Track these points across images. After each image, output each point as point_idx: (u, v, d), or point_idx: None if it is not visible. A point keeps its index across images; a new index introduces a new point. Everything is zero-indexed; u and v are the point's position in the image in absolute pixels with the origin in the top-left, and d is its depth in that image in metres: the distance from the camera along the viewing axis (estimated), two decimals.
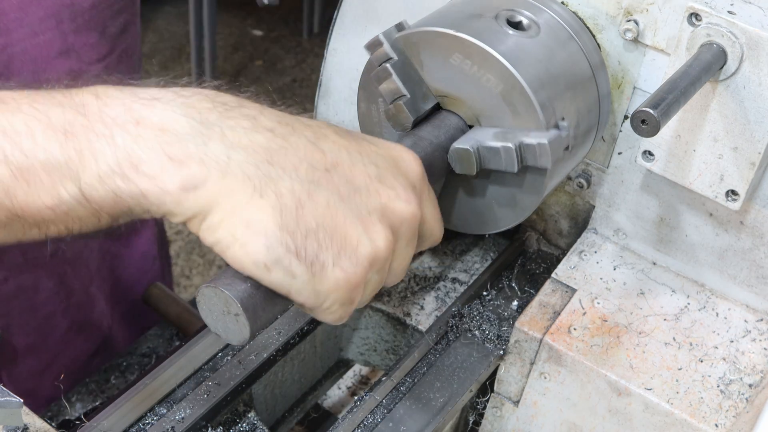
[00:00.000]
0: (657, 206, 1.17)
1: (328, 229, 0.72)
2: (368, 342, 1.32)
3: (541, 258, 1.31)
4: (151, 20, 4.82)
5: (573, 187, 1.22)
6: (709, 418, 1.02)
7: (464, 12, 1.04)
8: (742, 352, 1.10)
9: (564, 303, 1.14)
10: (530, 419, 1.17)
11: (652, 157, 1.08)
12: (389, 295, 1.28)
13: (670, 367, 1.07)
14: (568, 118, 1.01)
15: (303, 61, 4.76)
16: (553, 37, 1.04)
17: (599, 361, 1.07)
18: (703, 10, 0.96)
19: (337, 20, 1.30)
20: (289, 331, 1.14)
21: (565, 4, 1.08)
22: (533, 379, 1.13)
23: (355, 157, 0.79)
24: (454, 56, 0.98)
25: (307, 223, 0.71)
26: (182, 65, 4.55)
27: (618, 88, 1.11)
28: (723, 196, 1.05)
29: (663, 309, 1.15)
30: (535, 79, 0.97)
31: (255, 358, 1.10)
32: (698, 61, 0.94)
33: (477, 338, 1.15)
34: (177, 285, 3.42)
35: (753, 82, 0.96)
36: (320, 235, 0.72)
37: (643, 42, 1.06)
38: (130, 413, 1.02)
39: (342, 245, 0.73)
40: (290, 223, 0.71)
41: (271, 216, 0.70)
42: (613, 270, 1.19)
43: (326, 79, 1.36)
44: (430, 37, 0.99)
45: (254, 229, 0.70)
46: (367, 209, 0.76)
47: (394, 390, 1.08)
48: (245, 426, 1.10)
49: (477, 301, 1.20)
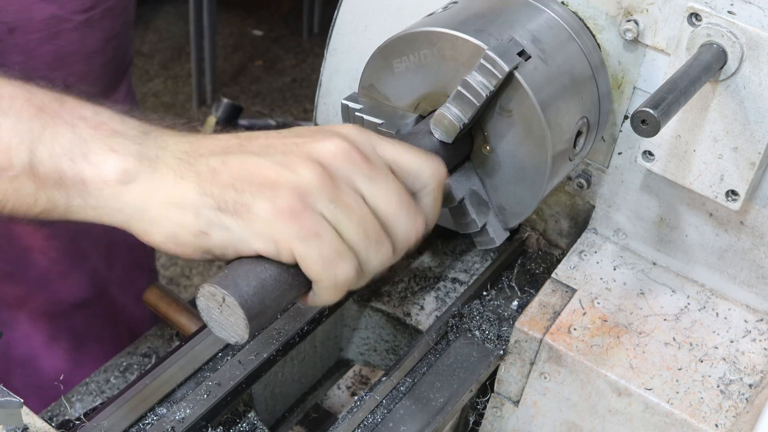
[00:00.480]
0: (657, 206, 1.17)
1: (244, 179, 0.77)
2: (368, 342, 1.32)
3: (541, 258, 1.31)
4: (151, 20, 4.82)
5: (573, 187, 1.22)
6: (709, 418, 1.02)
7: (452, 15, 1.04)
8: (742, 352, 1.10)
9: (564, 303, 1.14)
10: (530, 419, 1.17)
11: (652, 157, 1.08)
12: (389, 295, 1.28)
13: (670, 367, 1.07)
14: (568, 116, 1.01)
15: (303, 61, 4.76)
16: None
17: (599, 361, 1.07)
18: (703, 10, 0.96)
19: (337, 20, 1.30)
20: (289, 331, 1.14)
21: (565, 4, 1.08)
22: (533, 379, 1.13)
23: (273, 134, 0.84)
24: (402, 59, 1.03)
25: (223, 182, 0.77)
26: (182, 65, 4.55)
27: (618, 88, 1.11)
28: (723, 196, 1.05)
29: (663, 309, 1.15)
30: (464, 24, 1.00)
31: (255, 358, 1.10)
32: (698, 61, 0.94)
33: (477, 338, 1.15)
34: (177, 285, 3.42)
35: (753, 82, 0.96)
36: (237, 185, 0.77)
37: (643, 42, 1.06)
38: (130, 413, 1.02)
39: (261, 184, 0.77)
40: (208, 188, 0.77)
41: (193, 189, 0.77)
42: (613, 270, 1.19)
43: (326, 79, 1.36)
44: (377, 59, 1.05)
45: (182, 205, 0.77)
46: (284, 154, 0.79)
47: (394, 390, 1.08)
48: (245, 426, 1.10)
49: (477, 301, 1.20)
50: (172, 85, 4.45)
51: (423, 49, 1.02)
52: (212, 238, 0.78)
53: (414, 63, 1.03)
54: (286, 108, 4.38)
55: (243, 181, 0.77)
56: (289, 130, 0.86)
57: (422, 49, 1.02)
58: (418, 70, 1.03)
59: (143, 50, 4.63)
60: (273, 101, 4.43)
